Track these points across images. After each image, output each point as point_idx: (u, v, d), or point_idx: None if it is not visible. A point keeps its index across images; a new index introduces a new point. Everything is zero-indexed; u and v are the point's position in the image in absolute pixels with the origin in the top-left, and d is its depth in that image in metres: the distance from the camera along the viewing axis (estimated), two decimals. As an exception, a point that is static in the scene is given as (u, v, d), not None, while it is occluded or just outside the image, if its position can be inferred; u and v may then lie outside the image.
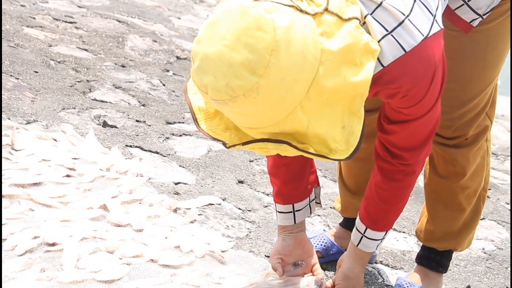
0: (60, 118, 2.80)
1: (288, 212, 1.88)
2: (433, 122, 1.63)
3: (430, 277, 2.09)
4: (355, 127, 1.43)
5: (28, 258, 1.82)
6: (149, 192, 2.32)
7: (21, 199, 2.10)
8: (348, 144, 1.43)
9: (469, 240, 2.10)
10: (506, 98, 5.76)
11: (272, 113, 1.36)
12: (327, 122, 1.40)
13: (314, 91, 1.37)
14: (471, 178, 2.00)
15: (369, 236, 1.80)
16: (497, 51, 1.84)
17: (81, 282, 1.80)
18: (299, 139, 1.40)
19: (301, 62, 1.33)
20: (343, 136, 1.42)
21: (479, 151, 1.98)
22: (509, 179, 3.48)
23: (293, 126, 1.38)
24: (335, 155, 1.42)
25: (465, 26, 1.78)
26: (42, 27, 3.98)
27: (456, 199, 2.02)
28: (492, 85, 1.89)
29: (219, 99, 1.33)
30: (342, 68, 1.38)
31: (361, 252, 1.83)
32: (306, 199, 1.89)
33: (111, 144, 2.67)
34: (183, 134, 2.96)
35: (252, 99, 1.32)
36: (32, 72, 3.22)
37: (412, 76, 1.49)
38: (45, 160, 2.35)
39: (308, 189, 1.89)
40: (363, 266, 1.85)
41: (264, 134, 1.40)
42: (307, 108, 1.37)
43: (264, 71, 1.30)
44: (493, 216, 2.92)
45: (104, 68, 3.60)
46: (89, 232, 2.00)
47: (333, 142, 1.41)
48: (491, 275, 2.43)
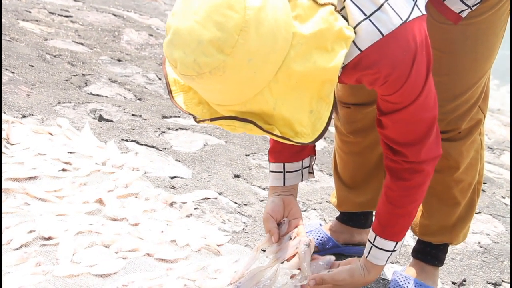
0: (56, 112, 2.79)
1: (278, 171, 1.86)
2: (425, 114, 1.61)
3: (426, 271, 2.09)
4: (323, 113, 1.43)
5: (24, 252, 1.82)
6: (145, 186, 2.32)
7: (16, 193, 2.10)
8: (314, 129, 1.43)
9: (464, 233, 2.10)
10: (503, 93, 5.77)
11: (239, 92, 1.36)
12: (295, 105, 1.40)
13: (283, 73, 1.37)
14: (465, 171, 2.00)
15: (378, 245, 1.75)
16: (488, 44, 1.83)
17: (76, 276, 1.79)
18: (266, 120, 1.41)
19: (271, 44, 1.33)
20: (310, 120, 1.42)
21: (472, 144, 1.98)
22: (504, 173, 3.48)
23: (260, 106, 1.39)
24: (300, 138, 1.42)
25: (454, 17, 1.77)
26: (38, 21, 3.97)
27: (450, 193, 2.02)
28: (484, 78, 1.89)
29: (186, 74, 1.34)
30: (313, 53, 1.38)
31: (369, 265, 1.78)
32: (298, 162, 1.86)
33: (107, 138, 2.66)
34: (179, 128, 2.96)
35: (218, 77, 1.32)
36: (28, 66, 3.21)
37: (390, 60, 1.48)
38: (40, 154, 2.35)
39: (302, 152, 1.86)
40: (366, 280, 1.79)
41: (232, 112, 1.40)
42: (275, 90, 1.38)
43: (231, 51, 1.30)
44: (488, 210, 2.92)
45: (100, 62, 3.59)
46: (85, 226, 2.00)
47: (299, 125, 1.42)
48: (486, 268, 2.44)
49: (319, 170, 2.93)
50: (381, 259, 1.76)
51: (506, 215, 2.90)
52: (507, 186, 3.26)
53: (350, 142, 2.14)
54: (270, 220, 1.80)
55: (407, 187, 1.68)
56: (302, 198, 2.60)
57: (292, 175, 1.86)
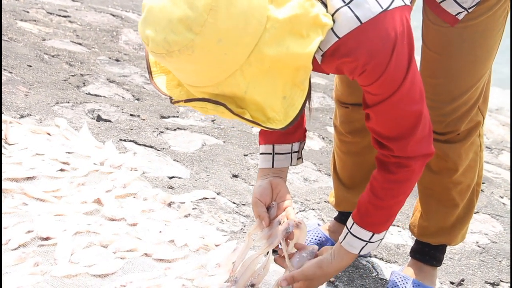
0: (54, 112, 2.79)
1: (268, 153, 1.84)
2: (409, 107, 1.57)
3: (424, 271, 2.09)
4: (296, 99, 1.42)
5: (22, 253, 1.81)
6: (143, 186, 2.32)
7: (14, 193, 2.10)
8: (287, 115, 1.42)
9: (463, 234, 2.10)
10: (502, 92, 5.77)
11: (210, 73, 1.36)
12: (267, 90, 1.39)
13: (256, 57, 1.36)
14: (464, 173, 1.99)
15: (353, 233, 1.71)
16: (486, 47, 1.83)
17: (74, 276, 1.79)
18: (238, 103, 1.40)
19: (243, 26, 1.32)
20: (283, 106, 1.41)
21: (471, 146, 1.97)
22: (503, 173, 3.48)
23: (232, 89, 1.38)
24: (272, 124, 1.41)
25: (451, 19, 1.77)
26: (36, 21, 3.97)
27: (449, 194, 2.01)
28: (482, 80, 1.88)
29: (157, 52, 1.34)
30: (287, 38, 1.37)
31: (343, 251, 1.73)
32: (288, 145, 1.85)
33: (105, 138, 2.66)
34: (178, 128, 2.96)
35: (187, 56, 1.32)
36: (26, 66, 3.21)
37: (368, 48, 1.46)
38: (38, 154, 2.35)
39: (292, 135, 1.85)
40: (339, 268, 1.75)
41: (205, 94, 1.40)
42: (247, 73, 1.37)
43: (200, 30, 1.30)
44: (487, 209, 2.93)
45: (98, 62, 3.59)
46: (83, 226, 2.00)
47: (271, 111, 1.41)
48: (485, 268, 2.44)
49: (318, 170, 2.93)
50: (355, 247, 1.72)
51: (504, 214, 2.91)
52: (505, 185, 3.26)
53: (348, 142, 2.14)
54: (259, 205, 1.78)
55: (391, 180, 1.65)
56: (300, 198, 2.60)
57: (281, 157, 1.84)
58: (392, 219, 1.72)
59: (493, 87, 5.87)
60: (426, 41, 1.86)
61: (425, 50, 1.88)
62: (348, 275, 2.17)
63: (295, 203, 2.56)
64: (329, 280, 2.12)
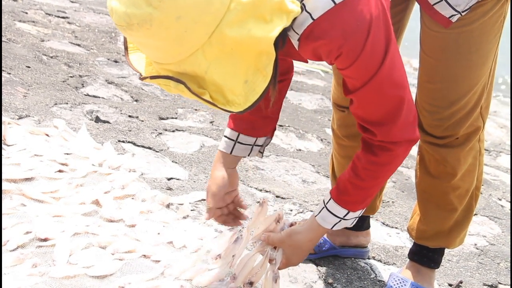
0: (53, 113, 2.79)
1: (231, 139, 1.86)
2: (390, 91, 1.56)
3: (422, 273, 2.09)
4: (258, 84, 1.42)
5: (20, 254, 1.81)
6: (142, 187, 2.32)
7: (13, 194, 2.09)
8: (247, 100, 1.42)
9: (461, 238, 2.10)
10: (498, 95, 5.78)
11: (171, 50, 1.36)
12: (228, 72, 1.39)
13: (217, 37, 1.36)
14: (462, 178, 1.99)
15: (329, 208, 1.71)
16: (482, 51, 1.83)
17: (73, 277, 1.79)
18: (199, 83, 1.40)
19: (204, 5, 1.32)
20: (244, 90, 1.41)
21: (470, 151, 1.97)
22: (501, 175, 3.49)
23: (193, 68, 1.38)
24: (231, 107, 1.41)
25: (444, 21, 1.77)
26: (35, 22, 3.97)
27: (447, 198, 2.01)
28: (480, 85, 1.88)
29: (119, 24, 1.35)
30: (249, 21, 1.37)
31: (315, 224, 1.74)
32: (253, 138, 1.87)
33: (103, 139, 2.66)
34: (176, 129, 2.96)
35: (146, 30, 1.32)
36: (24, 67, 3.21)
37: (342, 29, 1.46)
38: (37, 155, 2.34)
39: (261, 130, 1.87)
40: (310, 238, 1.74)
41: (169, 71, 1.40)
42: (209, 54, 1.37)
43: (158, 4, 1.30)
44: (485, 212, 2.93)
45: (97, 63, 3.59)
46: (81, 227, 1.99)
47: (230, 93, 1.41)
48: (483, 270, 2.44)
49: (316, 171, 2.93)
50: (328, 222, 1.72)
51: (502, 217, 2.91)
52: (504, 188, 3.27)
53: (346, 146, 2.14)
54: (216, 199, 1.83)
55: (373, 161, 1.64)
56: (298, 200, 2.60)
57: (242, 147, 1.87)
58: (369, 200, 1.72)
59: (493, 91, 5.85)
60: (424, 47, 1.87)
61: (423, 56, 1.88)
62: (346, 276, 2.17)
63: (294, 205, 2.56)
64: (327, 282, 2.12)
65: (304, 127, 3.45)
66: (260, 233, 1.80)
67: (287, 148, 3.14)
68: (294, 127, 3.41)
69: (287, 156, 3.02)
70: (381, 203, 2.27)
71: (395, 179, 3.07)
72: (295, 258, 1.76)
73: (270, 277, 1.77)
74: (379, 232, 2.54)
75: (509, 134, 4.34)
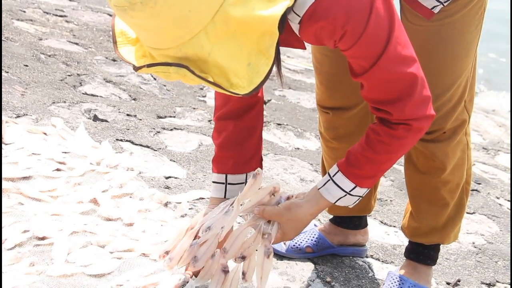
0: (50, 112, 2.79)
1: (220, 182, 1.82)
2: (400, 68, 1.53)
3: (419, 271, 2.09)
4: (261, 67, 1.40)
5: (17, 252, 1.81)
6: (140, 186, 2.32)
7: (10, 193, 2.09)
8: (251, 82, 1.39)
9: (455, 233, 2.10)
10: (497, 93, 5.79)
11: (173, 32, 1.33)
12: (232, 55, 1.38)
13: (221, 18, 1.34)
14: (452, 172, 1.99)
15: (336, 180, 1.66)
16: (464, 43, 1.83)
17: (70, 276, 1.79)
18: (201, 67, 1.38)
19: None
20: (247, 73, 1.39)
21: (458, 145, 1.97)
22: (499, 173, 3.49)
23: (195, 51, 1.36)
24: (236, 89, 1.39)
25: (427, 12, 1.76)
26: (33, 21, 3.96)
27: (439, 194, 2.01)
28: (463, 77, 1.88)
29: (119, 5, 1.32)
30: (253, 0, 1.36)
31: (318, 196, 1.67)
32: (242, 175, 1.83)
33: (101, 138, 2.66)
34: (174, 128, 2.96)
35: (150, 9, 1.29)
36: (22, 65, 3.21)
37: (344, 6, 1.45)
38: (35, 154, 2.34)
39: (247, 165, 1.83)
40: (312, 212, 1.68)
41: (168, 57, 1.37)
42: (212, 35, 1.35)
43: None
44: (483, 210, 2.93)
45: (95, 62, 3.59)
46: (79, 226, 1.99)
47: (234, 76, 1.38)
48: (481, 269, 2.44)
49: (314, 170, 2.93)
50: (332, 195, 1.67)
51: (500, 215, 2.91)
52: (502, 186, 3.27)
53: (334, 148, 2.13)
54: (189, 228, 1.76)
55: (389, 134, 1.60)
56: (297, 198, 2.60)
57: (234, 187, 1.83)
58: (377, 177, 1.69)
59: (492, 90, 5.85)
60: None
61: None
62: (344, 275, 2.17)
63: (292, 204, 2.56)
64: (325, 280, 2.12)
65: (302, 125, 3.45)
66: (251, 206, 1.70)
67: (285, 147, 3.14)
68: (293, 125, 3.41)
69: (285, 155, 3.02)
70: (376, 202, 2.26)
71: (393, 177, 3.07)
72: (291, 233, 1.69)
73: (262, 252, 1.69)
74: (377, 231, 2.54)
75: (507, 132, 4.34)
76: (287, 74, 4.42)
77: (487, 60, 6.66)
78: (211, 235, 1.71)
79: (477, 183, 3.22)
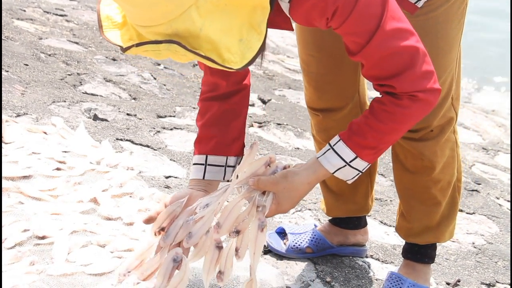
0: (50, 111, 2.79)
1: (200, 163, 1.78)
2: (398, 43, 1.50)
3: (417, 270, 2.09)
4: (253, 43, 1.39)
5: (18, 251, 1.81)
6: (140, 185, 2.31)
7: (10, 192, 2.09)
8: (243, 57, 1.38)
9: (450, 231, 2.09)
10: (496, 94, 5.79)
11: (164, 6, 1.32)
12: (223, 29, 1.36)
13: None
14: (442, 171, 1.98)
15: (336, 149, 1.60)
16: (448, 38, 1.82)
17: (71, 275, 1.79)
18: (192, 44, 1.36)
19: None
20: (239, 48, 1.38)
21: (446, 143, 1.96)
22: (499, 174, 3.49)
23: (186, 26, 1.34)
24: (228, 64, 1.37)
25: (411, 7, 1.75)
26: (33, 20, 3.96)
27: (430, 193, 2.00)
28: (448, 73, 1.87)
29: None
30: None
31: (317, 165, 1.61)
32: (222, 157, 1.78)
33: (101, 137, 2.66)
34: (174, 127, 2.96)
35: None
36: (22, 64, 3.21)
37: None
38: (35, 153, 2.34)
39: (229, 147, 1.79)
40: (309, 181, 1.61)
41: (158, 34, 1.36)
42: (203, 10, 1.34)
43: None
44: (483, 210, 2.93)
45: (95, 61, 3.58)
46: (79, 225, 1.99)
47: (226, 51, 1.37)
48: (481, 269, 2.44)
49: (314, 170, 2.93)
50: (332, 164, 1.60)
51: (500, 216, 2.91)
52: (502, 187, 3.27)
53: None
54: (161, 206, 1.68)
55: (394, 103, 1.55)
56: (297, 198, 2.60)
57: (214, 169, 1.77)
58: (378, 151, 1.61)
59: (491, 90, 5.84)
60: None
61: None
62: (344, 275, 2.17)
63: (292, 203, 2.56)
64: (325, 280, 2.12)
65: (302, 125, 3.45)
66: (246, 178, 1.63)
67: (285, 147, 3.14)
68: (292, 125, 3.41)
69: (285, 155, 3.02)
70: (373, 202, 2.25)
71: (393, 177, 3.07)
72: (287, 203, 1.61)
73: (255, 226, 1.61)
74: (377, 231, 2.55)
75: (506, 133, 4.34)
76: (286, 74, 4.42)
77: (487, 60, 6.66)
78: (208, 211, 1.63)
79: (477, 183, 3.22)
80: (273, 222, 2.40)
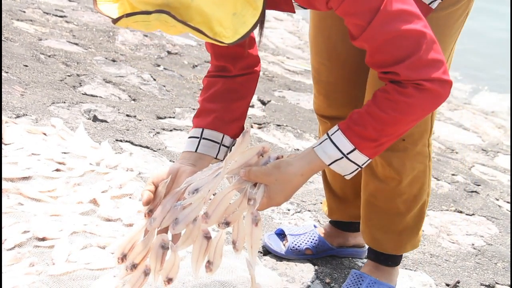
0: (50, 112, 2.79)
1: (195, 137, 1.70)
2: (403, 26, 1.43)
3: (381, 270, 2.04)
4: (248, 18, 1.35)
5: (17, 253, 1.81)
6: (139, 186, 2.31)
7: (10, 193, 2.09)
8: (236, 32, 1.34)
9: (413, 243, 2.02)
10: (496, 95, 5.79)
11: None
12: (216, 2, 1.33)
13: None
14: (409, 184, 1.90)
15: (334, 139, 1.51)
16: (443, 44, 1.67)
17: (72, 272, 1.79)
18: (183, 15, 1.32)
19: None
20: (232, 23, 1.35)
21: (417, 156, 1.87)
22: (498, 175, 3.49)
23: None
24: (218, 38, 1.34)
25: (425, 9, 1.68)
26: (32, 21, 3.96)
27: (393, 203, 1.93)
28: None
29: None
30: None
31: (312, 155, 1.52)
32: (219, 134, 1.70)
33: (101, 138, 2.66)
34: (174, 129, 2.96)
35: None
36: (22, 66, 3.21)
37: None
38: (34, 154, 2.34)
39: (228, 125, 1.72)
40: (303, 172, 1.52)
41: (148, 4, 1.33)
42: None
43: None
44: (482, 212, 2.93)
45: (95, 62, 3.58)
46: (79, 226, 1.99)
47: (218, 25, 1.34)
48: (480, 270, 2.44)
49: (314, 171, 2.93)
50: (328, 155, 1.51)
51: (500, 217, 2.91)
52: (501, 188, 3.27)
53: None
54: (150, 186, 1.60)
55: (398, 91, 1.46)
56: (296, 200, 2.60)
57: (208, 143, 1.69)
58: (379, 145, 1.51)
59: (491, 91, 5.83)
60: None
61: None
62: (344, 276, 2.17)
63: (291, 204, 2.56)
64: (324, 281, 2.12)
65: (302, 126, 3.45)
66: (238, 167, 1.56)
67: (285, 148, 3.14)
68: (292, 126, 3.42)
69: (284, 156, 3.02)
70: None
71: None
72: (280, 196, 1.53)
73: (249, 221, 1.54)
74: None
75: (506, 134, 4.35)
76: (286, 75, 4.42)
77: (487, 60, 6.67)
78: (197, 198, 1.56)
79: (477, 184, 3.22)
80: (272, 223, 2.40)
